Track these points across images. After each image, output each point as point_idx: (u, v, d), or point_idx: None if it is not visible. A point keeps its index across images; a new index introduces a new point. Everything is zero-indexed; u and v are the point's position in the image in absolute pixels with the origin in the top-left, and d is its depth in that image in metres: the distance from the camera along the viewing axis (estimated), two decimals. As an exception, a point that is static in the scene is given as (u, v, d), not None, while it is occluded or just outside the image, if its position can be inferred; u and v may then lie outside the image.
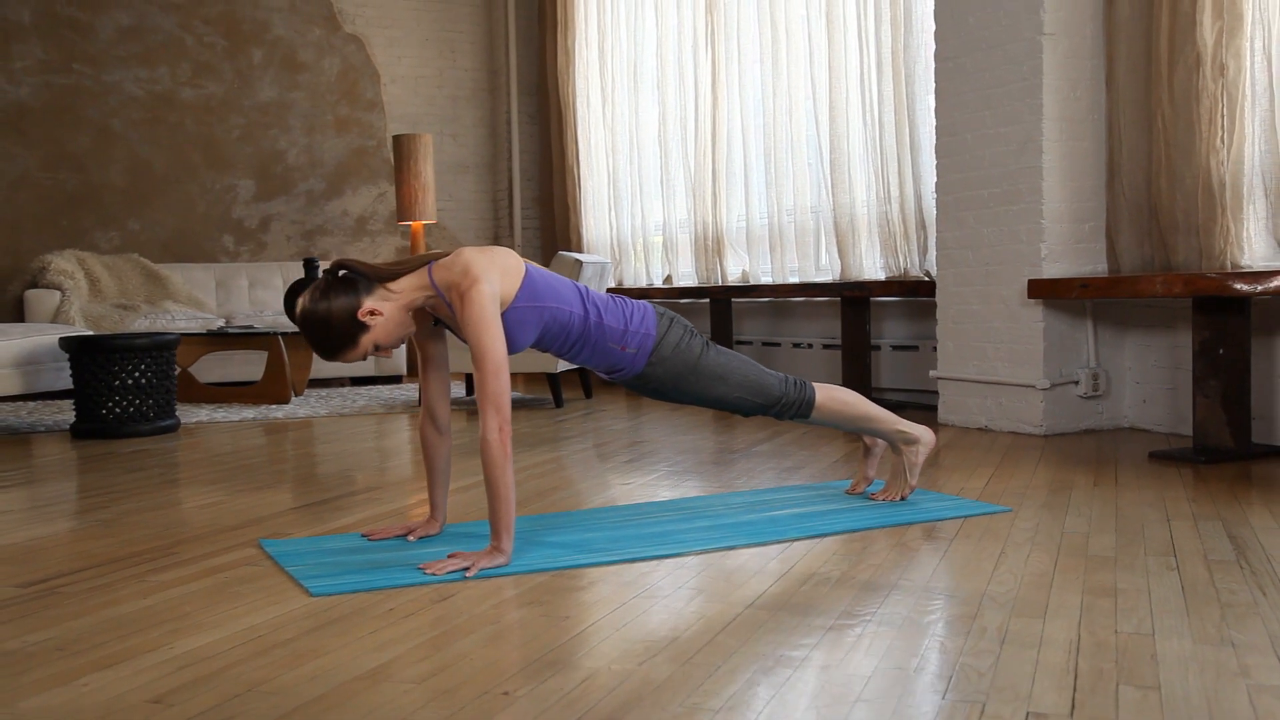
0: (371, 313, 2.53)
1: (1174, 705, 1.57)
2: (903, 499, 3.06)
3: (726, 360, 2.85)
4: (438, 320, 2.75)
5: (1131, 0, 4.20)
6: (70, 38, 7.87)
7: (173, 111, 8.14)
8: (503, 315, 2.56)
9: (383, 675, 1.77)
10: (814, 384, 2.96)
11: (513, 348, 2.60)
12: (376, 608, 2.17)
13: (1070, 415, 4.38)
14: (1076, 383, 4.37)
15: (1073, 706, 1.57)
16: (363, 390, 7.19)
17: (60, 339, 5.07)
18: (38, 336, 5.33)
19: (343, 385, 7.68)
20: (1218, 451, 3.68)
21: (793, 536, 2.67)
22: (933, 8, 4.82)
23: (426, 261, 2.60)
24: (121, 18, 7.99)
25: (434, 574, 2.38)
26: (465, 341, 2.54)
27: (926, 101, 5.20)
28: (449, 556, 2.47)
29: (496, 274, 2.54)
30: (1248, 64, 3.84)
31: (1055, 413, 4.34)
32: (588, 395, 6.42)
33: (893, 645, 1.86)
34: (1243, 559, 2.37)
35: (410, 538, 2.76)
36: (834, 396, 2.97)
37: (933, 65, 4.92)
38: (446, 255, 2.59)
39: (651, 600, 2.17)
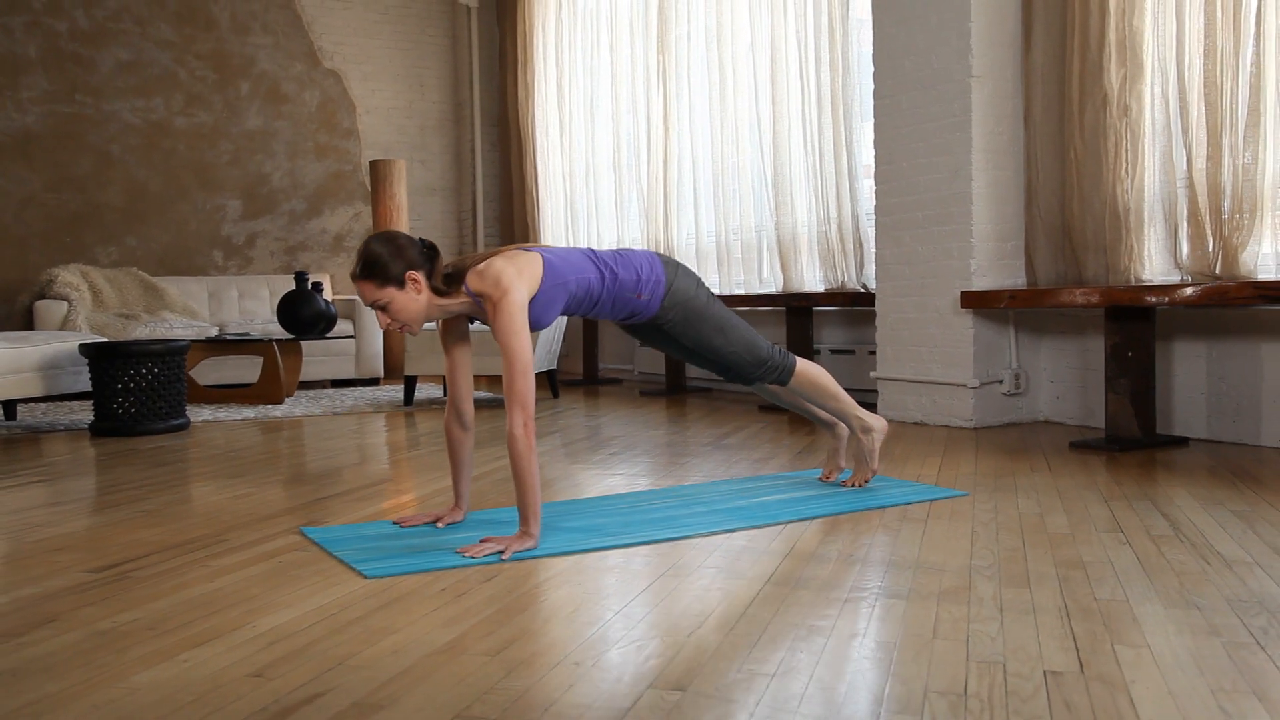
0: (414, 282, 2.53)
1: (1165, 660, 1.61)
2: (866, 482, 3.09)
3: (728, 315, 2.89)
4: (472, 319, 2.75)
5: (1045, 49, 4.30)
6: (73, 71, 7.65)
7: (167, 138, 7.96)
8: (533, 301, 2.56)
9: (458, 649, 1.75)
10: (794, 356, 2.99)
11: (545, 323, 2.63)
12: (429, 588, 2.14)
13: (995, 410, 4.46)
14: (1001, 381, 4.46)
15: (1081, 664, 1.60)
16: (346, 391, 7.08)
17: (80, 345, 4.92)
18: (58, 343, 5.18)
19: (325, 387, 7.56)
20: (1128, 441, 3.77)
21: (784, 519, 2.68)
22: (870, 53, 4.88)
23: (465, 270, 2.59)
24: (120, 53, 7.79)
25: (472, 557, 2.35)
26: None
27: (862, 134, 5.26)
28: (481, 541, 2.43)
29: (524, 282, 2.53)
30: (1148, 105, 3.95)
31: (983, 408, 4.42)
32: (555, 395, 6.40)
33: (906, 614, 1.88)
34: (1180, 534, 2.44)
35: (439, 524, 2.73)
36: (811, 370, 3.00)
37: (869, 102, 4.98)
38: (481, 264, 2.57)
39: (677, 579, 2.17)
